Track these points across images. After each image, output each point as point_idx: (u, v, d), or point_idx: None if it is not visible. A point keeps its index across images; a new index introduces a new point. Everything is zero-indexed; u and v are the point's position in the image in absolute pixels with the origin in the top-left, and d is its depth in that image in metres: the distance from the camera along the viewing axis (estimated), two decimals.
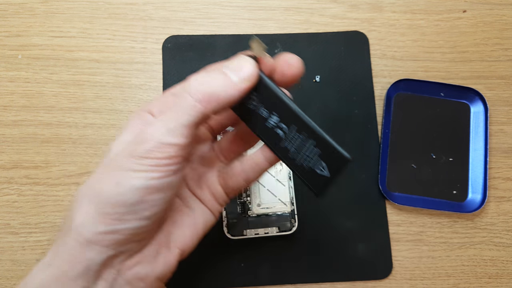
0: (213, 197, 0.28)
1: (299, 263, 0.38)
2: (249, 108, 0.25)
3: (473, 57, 0.43)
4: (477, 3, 0.45)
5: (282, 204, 0.38)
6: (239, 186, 0.27)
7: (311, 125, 0.24)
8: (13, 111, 0.40)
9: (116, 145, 0.24)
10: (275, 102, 0.24)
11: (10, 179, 0.39)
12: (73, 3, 0.43)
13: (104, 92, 0.41)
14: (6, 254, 0.37)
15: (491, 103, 0.42)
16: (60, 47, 0.42)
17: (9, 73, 0.41)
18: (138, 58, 0.42)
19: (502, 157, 0.41)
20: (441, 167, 0.40)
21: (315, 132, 0.24)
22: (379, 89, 0.42)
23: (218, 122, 0.29)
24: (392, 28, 0.44)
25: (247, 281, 0.37)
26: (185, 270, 0.37)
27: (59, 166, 0.39)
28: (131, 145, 0.23)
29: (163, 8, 0.43)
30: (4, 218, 0.38)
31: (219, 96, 0.22)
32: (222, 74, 0.23)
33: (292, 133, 0.25)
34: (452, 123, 0.41)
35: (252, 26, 0.43)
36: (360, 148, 0.40)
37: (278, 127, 0.25)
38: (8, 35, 0.42)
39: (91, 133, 0.40)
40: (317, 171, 0.25)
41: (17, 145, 0.39)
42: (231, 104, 0.23)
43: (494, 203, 0.40)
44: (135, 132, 0.24)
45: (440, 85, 0.41)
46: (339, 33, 0.43)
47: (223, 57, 0.42)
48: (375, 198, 0.39)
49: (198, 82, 0.23)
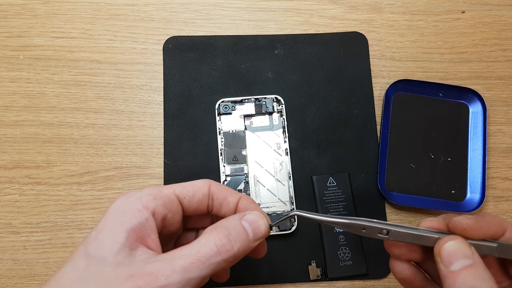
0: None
1: (299, 262, 0.38)
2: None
3: (471, 57, 0.44)
4: (475, 4, 0.45)
5: (281, 203, 0.38)
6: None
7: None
8: (15, 111, 0.40)
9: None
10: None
11: (12, 179, 0.39)
12: (75, 4, 0.43)
13: (105, 93, 0.41)
14: (7, 253, 0.37)
15: (490, 103, 0.42)
16: (61, 47, 0.42)
17: (10, 74, 0.41)
18: (139, 58, 0.42)
19: (501, 157, 0.41)
20: (439, 167, 0.40)
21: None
22: (378, 89, 0.42)
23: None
24: (391, 29, 0.44)
25: (247, 280, 0.37)
26: None
27: (61, 166, 0.39)
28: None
29: (164, 9, 0.44)
30: (6, 218, 0.38)
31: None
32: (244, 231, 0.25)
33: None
34: (451, 123, 0.41)
35: (252, 27, 0.44)
36: (359, 148, 0.41)
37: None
38: (9, 35, 0.42)
39: (92, 133, 0.40)
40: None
41: (19, 145, 0.40)
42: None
43: (492, 202, 0.40)
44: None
45: (439, 85, 0.41)
46: (338, 34, 0.43)
47: (224, 58, 0.42)
48: (374, 197, 0.40)
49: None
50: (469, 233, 0.25)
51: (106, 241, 0.24)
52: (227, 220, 0.26)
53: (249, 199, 0.28)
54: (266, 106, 0.40)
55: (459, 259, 0.23)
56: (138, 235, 0.24)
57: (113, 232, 0.24)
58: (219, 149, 0.39)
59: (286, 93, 0.41)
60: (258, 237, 0.26)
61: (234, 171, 0.39)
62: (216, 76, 0.42)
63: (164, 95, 0.41)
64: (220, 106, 0.40)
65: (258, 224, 0.26)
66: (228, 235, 0.24)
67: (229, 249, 0.24)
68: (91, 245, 0.24)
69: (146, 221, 0.24)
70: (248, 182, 0.38)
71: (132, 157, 0.40)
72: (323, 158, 0.40)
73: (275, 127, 0.40)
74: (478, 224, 0.25)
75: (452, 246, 0.24)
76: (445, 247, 0.24)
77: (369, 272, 0.38)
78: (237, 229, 0.25)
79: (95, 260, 0.23)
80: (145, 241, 0.24)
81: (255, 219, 0.26)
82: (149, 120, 0.41)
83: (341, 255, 0.37)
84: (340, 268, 0.37)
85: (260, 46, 0.43)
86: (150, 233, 0.25)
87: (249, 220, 0.26)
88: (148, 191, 0.26)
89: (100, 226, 0.24)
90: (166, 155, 0.40)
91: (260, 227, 0.26)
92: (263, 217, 0.27)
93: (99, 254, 0.23)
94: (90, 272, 0.23)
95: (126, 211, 0.25)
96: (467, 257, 0.23)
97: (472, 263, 0.23)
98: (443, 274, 0.24)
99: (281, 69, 0.42)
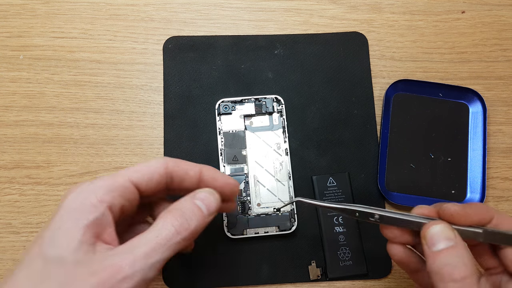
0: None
1: (299, 262, 0.38)
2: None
3: (471, 57, 0.44)
4: (475, 4, 0.45)
5: (281, 204, 0.38)
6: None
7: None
8: (15, 111, 0.40)
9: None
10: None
11: (12, 179, 0.39)
12: (74, 4, 0.43)
13: (105, 93, 0.41)
14: (7, 253, 0.37)
15: (490, 103, 0.42)
16: (61, 47, 0.42)
17: (10, 74, 0.41)
18: (139, 58, 0.42)
19: (501, 157, 0.41)
20: (439, 167, 0.40)
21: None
22: (378, 89, 0.42)
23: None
24: (391, 29, 0.44)
25: (247, 280, 0.37)
26: (186, 269, 0.37)
27: (61, 166, 0.39)
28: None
29: (163, 9, 0.44)
30: (6, 218, 0.38)
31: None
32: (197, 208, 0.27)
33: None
34: (451, 123, 0.41)
35: (252, 27, 0.44)
36: (359, 148, 0.41)
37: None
38: (9, 35, 0.42)
39: (92, 133, 0.40)
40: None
41: (19, 145, 0.40)
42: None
43: (492, 202, 0.40)
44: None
45: (439, 85, 0.42)
46: (338, 34, 0.43)
47: (224, 58, 0.42)
48: (374, 197, 0.40)
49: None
50: (456, 219, 0.27)
51: (62, 239, 0.23)
52: (179, 202, 0.27)
53: (212, 169, 0.29)
54: (266, 106, 0.40)
55: (442, 241, 0.26)
56: (95, 230, 0.24)
57: (69, 230, 0.23)
58: (219, 149, 0.39)
59: (286, 93, 0.41)
60: (212, 211, 0.28)
61: (234, 171, 0.39)
62: (216, 76, 0.42)
63: (164, 95, 0.41)
64: (220, 106, 0.40)
65: (210, 200, 0.28)
66: (183, 215, 0.26)
67: (187, 227, 0.25)
68: (47, 245, 0.23)
69: (102, 216, 0.24)
70: (248, 182, 0.38)
71: (132, 157, 0.40)
72: (323, 158, 0.40)
73: (275, 127, 0.40)
74: (465, 211, 0.27)
75: (436, 229, 0.26)
76: (429, 230, 0.26)
77: (369, 272, 0.38)
78: (191, 208, 0.26)
79: (53, 260, 0.23)
80: (102, 235, 0.24)
81: (207, 196, 0.28)
82: (149, 120, 0.41)
83: (341, 255, 0.37)
84: (340, 268, 0.37)
85: (260, 46, 0.43)
86: (107, 227, 0.24)
87: (201, 197, 0.28)
88: (101, 182, 0.25)
89: (54, 225, 0.24)
90: (166, 155, 0.40)
91: (211, 202, 0.28)
92: (214, 192, 0.28)
93: (56, 253, 0.23)
94: (48, 273, 0.22)
95: (81, 207, 0.24)
96: (449, 239, 0.26)
97: (454, 244, 0.25)
98: (426, 254, 0.26)
99: (281, 69, 0.42)
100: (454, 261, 0.25)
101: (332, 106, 0.42)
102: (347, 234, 0.38)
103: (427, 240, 0.26)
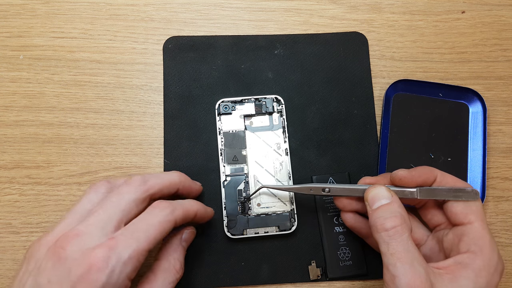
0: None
1: (299, 262, 0.38)
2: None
3: (471, 57, 0.44)
4: (475, 4, 0.45)
5: (281, 203, 0.38)
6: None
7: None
8: (15, 111, 0.40)
9: None
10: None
11: (12, 179, 0.39)
12: (74, 4, 0.43)
13: (105, 93, 0.41)
14: (7, 253, 0.37)
15: (490, 103, 0.42)
16: (61, 47, 0.42)
17: (10, 74, 0.41)
18: (139, 59, 0.42)
19: (501, 157, 0.41)
20: (439, 167, 0.40)
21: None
22: (378, 89, 0.42)
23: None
24: (391, 29, 0.44)
25: (247, 280, 0.37)
26: (186, 269, 0.37)
27: (61, 166, 0.39)
28: None
29: (163, 9, 0.44)
30: (6, 218, 0.38)
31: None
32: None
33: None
34: (451, 123, 0.41)
35: (252, 27, 0.44)
36: (359, 148, 0.41)
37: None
38: (9, 35, 0.42)
39: (92, 133, 0.40)
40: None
41: (19, 145, 0.40)
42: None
43: (492, 202, 0.40)
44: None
45: (439, 85, 0.42)
46: (338, 34, 0.43)
47: (224, 58, 0.42)
48: None
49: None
50: (404, 182, 0.32)
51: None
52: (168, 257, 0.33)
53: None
54: (266, 106, 0.40)
55: (380, 200, 0.30)
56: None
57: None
58: (219, 149, 0.39)
59: (286, 93, 0.41)
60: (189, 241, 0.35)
61: (234, 171, 0.39)
62: (216, 76, 0.42)
63: (164, 95, 0.41)
64: (220, 106, 0.40)
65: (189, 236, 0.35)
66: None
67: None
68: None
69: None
70: (248, 182, 0.38)
71: (132, 157, 0.40)
72: (323, 158, 0.40)
73: (275, 127, 0.40)
74: (410, 174, 0.32)
75: (375, 191, 0.31)
76: (370, 192, 0.31)
77: (369, 272, 0.38)
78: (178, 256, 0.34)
79: None
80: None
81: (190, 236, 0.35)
82: (149, 120, 0.41)
83: (341, 255, 0.37)
84: (340, 268, 0.37)
85: (260, 46, 0.43)
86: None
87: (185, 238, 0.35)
88: (129, 253, 0.27)
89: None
90: (166, 155, 0.40)
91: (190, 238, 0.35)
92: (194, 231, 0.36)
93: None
94: None
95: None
96: (386, 198, 0.30)
97: (389, 202, 0.30)
98: (368, 213, 0.31)
99: (281, 69, 0.42)
100: (386, 214, 0.29)
101: (332, 106, 0.42)
102: (347, 234, 0.38)
103: (369, 201, 0.31)
